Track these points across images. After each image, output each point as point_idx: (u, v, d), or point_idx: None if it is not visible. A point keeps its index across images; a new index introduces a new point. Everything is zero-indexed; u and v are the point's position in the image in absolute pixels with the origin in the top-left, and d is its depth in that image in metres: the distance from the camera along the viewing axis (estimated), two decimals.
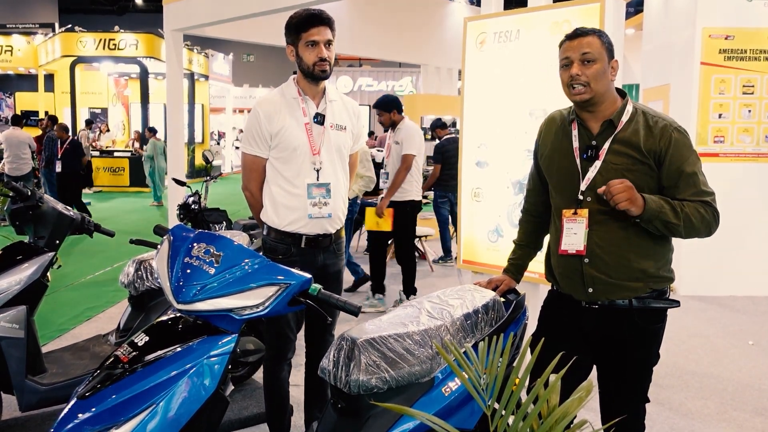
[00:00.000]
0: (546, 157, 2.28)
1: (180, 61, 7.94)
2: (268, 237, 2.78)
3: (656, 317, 2.18)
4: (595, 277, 2.13)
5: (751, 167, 6.37)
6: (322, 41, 2.60)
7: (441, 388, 2.06)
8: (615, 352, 2.18)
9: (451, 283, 6.66)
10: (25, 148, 10.57)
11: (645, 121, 2.11)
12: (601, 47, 2.08)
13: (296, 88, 2.73)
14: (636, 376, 2.21)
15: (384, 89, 25.71)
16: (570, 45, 2.10)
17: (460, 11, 13.58)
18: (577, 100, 2.10)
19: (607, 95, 2.12)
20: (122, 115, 20.12)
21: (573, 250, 2.13)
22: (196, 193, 5.44)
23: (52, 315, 5.34)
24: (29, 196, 3.23)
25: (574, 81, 2.07)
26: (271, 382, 2.84)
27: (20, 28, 20.83)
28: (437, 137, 8.09)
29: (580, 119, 2.18)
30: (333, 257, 2.82)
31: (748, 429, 3.50)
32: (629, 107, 2.14)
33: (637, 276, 2.12)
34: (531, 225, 2.47)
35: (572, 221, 2.13)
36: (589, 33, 2.09)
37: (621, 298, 2.13)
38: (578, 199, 2.14)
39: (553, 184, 2.27)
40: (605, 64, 2.08)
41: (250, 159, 2.76)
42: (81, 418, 1.69)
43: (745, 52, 6.29)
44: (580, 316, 2.20)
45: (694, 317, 5.62)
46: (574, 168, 2.16)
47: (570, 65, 2.09)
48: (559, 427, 1.44)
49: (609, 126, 2.12)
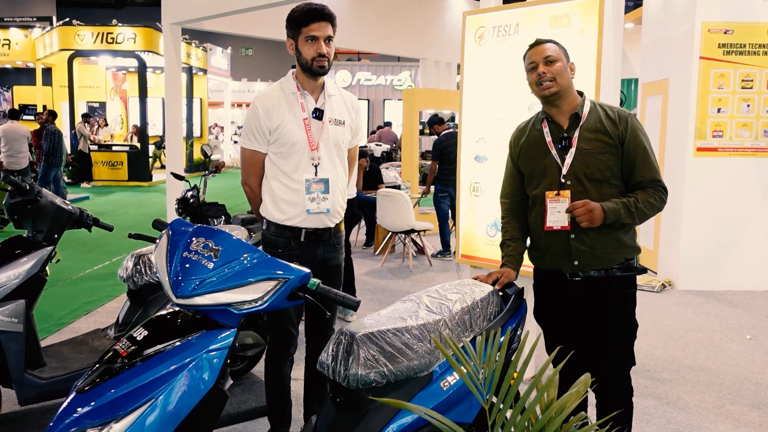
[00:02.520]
0: (524, 158, 2.56)
1: (178, 55, 7.91)
2: (268, 231, 2.78)
3: (629, 283, 2.48)
4: (580, 250, 2.42)
5: (750, 162, 6.38)
6: (322, 37, 2.60)
7: (439, 383, 2.07)
8: (600, 315, 2.46)
9: (449, 278, 6.68)
10: (24, 142, 10.57)
11: (604, 112, 2.45)
12: (559, 50, 2.45)
13: (295, 83, 2.73)
14: (622, 334, 2.48)
15: (382, 83, 25.69)
16: (534, 51, 2.46)
17: (459, 5, 13.55)
18: (547, 93, 2.42)
19: (570, 90, 2.46)
20: (120, 109, 20.06)
21: (558, 227, 2.41)
22: (194, 187, 5.43)
23: (50, 309, 5.34)
24: (27, 190, 3.22)
25: (542, 78, 2.41)
26: (272, 377, 2.84)
27: (18, 22, 20.74)
28: (435, 133, 8.06)
29: (549, 117, 2.49)
30: (333, 251, 2.83)
31: (745, 423, 3.51)
32: (587, 102, 2.48)
33: (614, 246, 2.42)
34: (517, 222, 2.64)
35: (555, 201, 2.42)
36: (548, 41, 2.48)
37: (600, 268, 2.42)
38: (560, 182, 2.43)
39: (535, 178, 2.52)
40: (565, 63, 2.44)
41: (249, 154, 2.76)
42: (80, 412, 1.69)
43: (745, 47, 6.28)
44: (566, 287, 2.48)
45: (692, 312, 5.64)
46: (552, 159, 2.46)
47: (536, 68, 2.43)
48: (557, 420, 1.44)
49: (576, 118, 2.45)
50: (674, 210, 6.58)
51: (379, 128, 19.21)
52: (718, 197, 6.40)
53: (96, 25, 16.85)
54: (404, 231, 7.29)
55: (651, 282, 6.46)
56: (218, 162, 6.77)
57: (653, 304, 5.86)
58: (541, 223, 2.46)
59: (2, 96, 22.32)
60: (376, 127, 20.33)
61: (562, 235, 2.42)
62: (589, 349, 2.48)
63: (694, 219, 6.44)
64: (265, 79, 25.19)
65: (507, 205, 2.67)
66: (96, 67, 19.34)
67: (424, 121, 10.31)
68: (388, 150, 15.65)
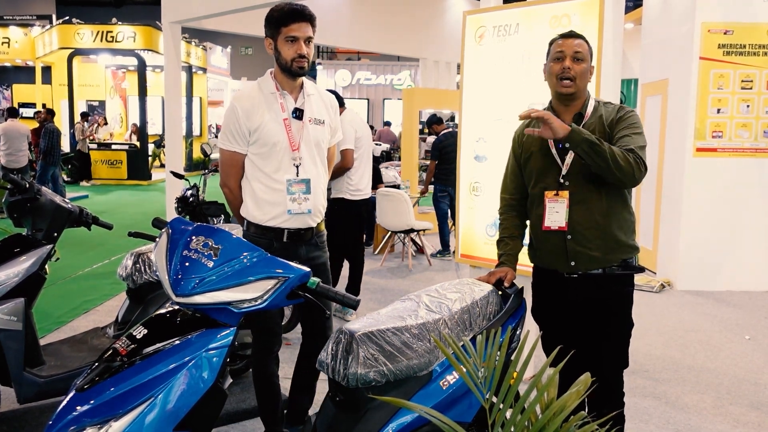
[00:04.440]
0: (525, 156, 2.54)
1: (178, 54, 7.90)
2: (248, 232, 2.77)
3: (626, 282, 2.46)
4: (577, 251, 2.39)
5: (749, 162, 6.38)
6: (302, 38, 2.60)
7: (439, 382, 2.07)
8: (597, 313, 2.44)
9: (449, 278, 6.68)
10: (24, 141, 10.57)
11: (607, 111, 2.44)
12: (588, 51, 2.41)
13: (274, 83, 2.72)
14: (618, 333, 2.47)
15: (382, 83, 25.67)
16: (565, 43, 2.39)
17: (459, 5, 13.54)
18: (564, 92, 2.38)
19: (584, 93, 2.44)
20: (120, 108, 20.04)
21: (555, 227, 2.39)
22: (194, 186, 5.43)
23: (50, 307, 5.34)
24: (27, 188, 3.22)
25: (564, 74, 2.35)
26: (259, 377, 2.84)
27: (17, 20, 20.73)
28: (434, 133, 8.06)
29: (555, 112, 2.44)
30: (316, 249, 2.83)
31: (744, 423, 3.51)
32: (592, 101, 2.46)
33: (612, 246, 2.39)
34: (517, 218, 2.64)
35: (554, 201, 2.40)
36: (582, 36, 2.42)
37: (597, 268, 2.40)
38: (559, 182, 2.41)
39: (534, 176, 2.50)
40: (589, 65, 2.41)
41: (228, 155, 2.75)
42: (79, 410, 1.69)
43: (744, 47, 6.28)
44: (564, 286, 2.46)
45: (691, 312, 5.64)
46: (552, 158, 2.43)
47: (563, 58, 2.36)
48: (557, 419, 1.44)
49: (578, 118, 2.42)
50: (673, 210, 6.58)
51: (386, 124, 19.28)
52: (717, 198, 6.40)
53: (96, 24, 16.84)
54: (404, 230, 7.29)
55: (650, 282, 6.47)
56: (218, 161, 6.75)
57: (652, 304, 5.86)
58: (540, 222, 2.44)
59: (2, 94, 22.30)
60: (382, 125, 20.33)
61: (558, 235, 2.40)
62: (586, 347, 2.46)
63: (694, 219, 6.44)
64: None
65: (506, 201, 2.66)
66: (96, 66, 19.33)
67: (423, 120, 10.31)
68: (388, 150, 15.66)
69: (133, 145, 16.71)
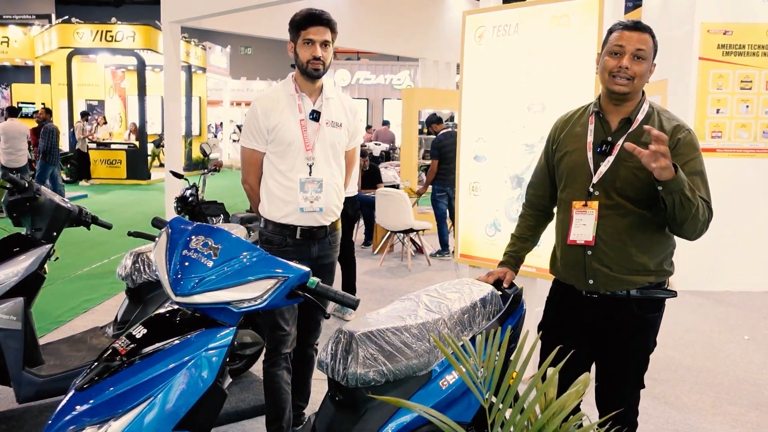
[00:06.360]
0: (559, 154, 2.29)
1: (177, 54, 7.90)
2: (265, 229, 2.85)
3: (654, 307, 2.21)
4: (596, 269, 2.16)
5: (749, 163, 6.38)
6: (318, 41, 2.68)
7: (438, 381, 2.07)
8: (615, 340, 2.21)
9: (448, 277, 6.67)
10: (23, 140, 10.58)
11: (659, 122, 2.12)
12: (652, 48, 2.09)
13: (294, 85, 2.81)
14: (635, 362, 2.25)
15: (382, 83, 25.66)
16: (628, 35, 2.07)
17: (459, 5, 13.54)
18: (617, 91, 2.09)
19: (638, 94, 2.15)
20: (119, 108, 20.03)
21: (581, 241, 2.16)
22: (193, 185, 5.43)
23: (49, 307, 5.34)
24: (26, 187, 3.22)
25: (621, 72, 2.06)
26: (266, 378, 2.85)
27: (17, 19, 20.70)
28: (433, 132, 8.06)
29: (602, 112, 2.19)
30: (327, 249, 2.90)
31: (743, 423, 3.51)
32: (645, 106, 2.16)
33: (637, 269, 2.15)
34: (533, 219, 2.49)
35: (582, 213, 2.15)
36: (648, 30, 2.09)
37: (619, 289, 2.16)
38: (588, 191, 2.16)
39: (564, 176, 2.27)
40: (650, 64, 2.11)
41: (249, 153, 2.84)
42: (79, 410, 1.69)
43: (744, 48, 6.29)
44: (581, 305, 2.24)
45: (690, 312, 5.64)
46: (586, 162, 2.17)
47: (622, 55, 2.06)
48: (556, 419, 1.44)
49: (626, 123, 2.14)
50: None
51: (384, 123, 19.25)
52: (716, 198, 6.32)
53: (95, 23, 16.82)
54: (403, 230, 7.29)
55: None
56: (217, 161, 6.76)
57: None
58: (564, 231, 2.22)
59: (1, 94, 22.28)
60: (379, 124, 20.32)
61: (579, 248, 2.18)
62: (600, 371, 2.28)
63: None
64: (264, 78, 25.15)
65: (529, 196, 2.49)
66: (95, 65, 19.31)
67: (423, 120, 10.31)
68: (387, 150, 15.66)
69: (132, 144, 16.71)
